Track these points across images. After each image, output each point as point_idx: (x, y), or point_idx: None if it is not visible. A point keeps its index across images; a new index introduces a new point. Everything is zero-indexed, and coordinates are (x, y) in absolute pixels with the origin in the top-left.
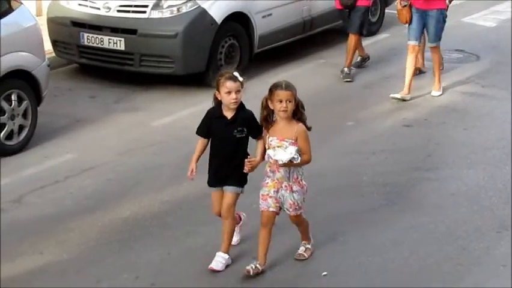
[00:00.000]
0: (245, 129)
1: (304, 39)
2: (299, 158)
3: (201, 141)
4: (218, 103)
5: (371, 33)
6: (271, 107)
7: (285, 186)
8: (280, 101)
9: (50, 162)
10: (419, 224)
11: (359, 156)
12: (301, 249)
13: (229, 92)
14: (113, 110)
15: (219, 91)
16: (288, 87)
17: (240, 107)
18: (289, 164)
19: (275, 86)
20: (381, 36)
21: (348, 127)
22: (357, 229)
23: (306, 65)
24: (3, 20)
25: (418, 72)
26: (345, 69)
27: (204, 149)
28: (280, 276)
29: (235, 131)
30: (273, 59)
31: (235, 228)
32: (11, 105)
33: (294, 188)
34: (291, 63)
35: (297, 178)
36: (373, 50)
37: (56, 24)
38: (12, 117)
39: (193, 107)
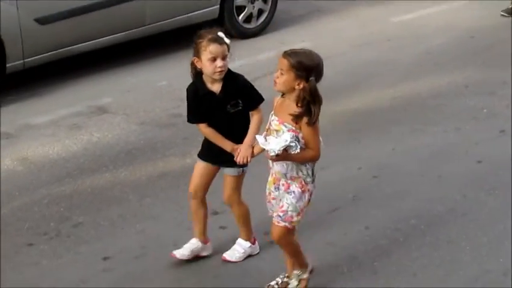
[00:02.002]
0: (240, 101)
1: None
2: (298, 148)
3: (205, 127)
4: (198, 74)
5: None
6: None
7: (283, 184)
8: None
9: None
10: None
11: None
12: None
13: (213, 59)
14: (354, 3)
15: (199, 57)
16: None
17: (228, 75)
18: (286, 157)
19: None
20: None
21: None
22: None
23: None
24: None
25: None
26: None
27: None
28: None
29: (229, 106)
30: None
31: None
32: None
33: (292, 188)
34: None
35: (298, 178)
36: None
37: None
38: (252, 1)
39: (435, 6)
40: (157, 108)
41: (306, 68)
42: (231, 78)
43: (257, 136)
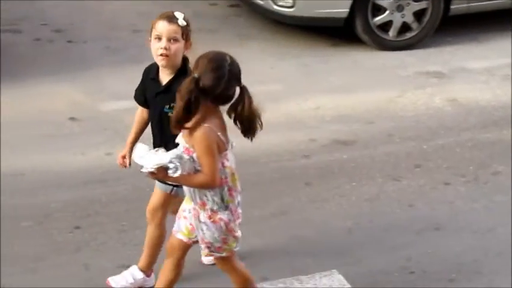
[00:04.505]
0: None
1: None
2: (178, 171)
3: (139, 111)
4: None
5: None
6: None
7: (193, 208)
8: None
9: None
10: None
11: None
12: None
13: (158, 38)
14: None
15: (150, 37)
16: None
17: (182, 71)
18: (166, 177)
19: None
20: None
21: None
22: None
23: None
24: None
25: None
26: None
27: (145, 123)
28: None
29: (167, 106)
30: None
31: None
32: None
33: (202, 217)
34: None
35: (204, 205)
36: None
37: None
38: None
39: None
40: None
41: (198, 64)
42: (184, 76)
43: (139, 144)
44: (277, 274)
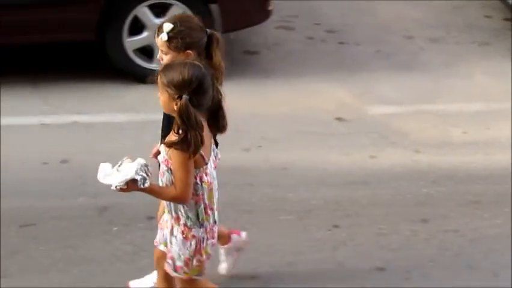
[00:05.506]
0: None
1: None
2: (147, 181)
3: None
4: None
5: None
6: None
7: (169, 221)
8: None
9: None
10: None
11: None
12: None
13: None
14: None
15: None
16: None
17: None
18: (134, 189)
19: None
20: None
21: None
22: None
23: None
24: None
25: None
26: None
27: None
28: None
29: None
30: None
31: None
32: None
33: (175, 231)
34: None
35: (179, 220)
36: None
37: None
38: None
39: None
40: None
41: (176, 84)
42: None
43: (101, 164)
44: None
